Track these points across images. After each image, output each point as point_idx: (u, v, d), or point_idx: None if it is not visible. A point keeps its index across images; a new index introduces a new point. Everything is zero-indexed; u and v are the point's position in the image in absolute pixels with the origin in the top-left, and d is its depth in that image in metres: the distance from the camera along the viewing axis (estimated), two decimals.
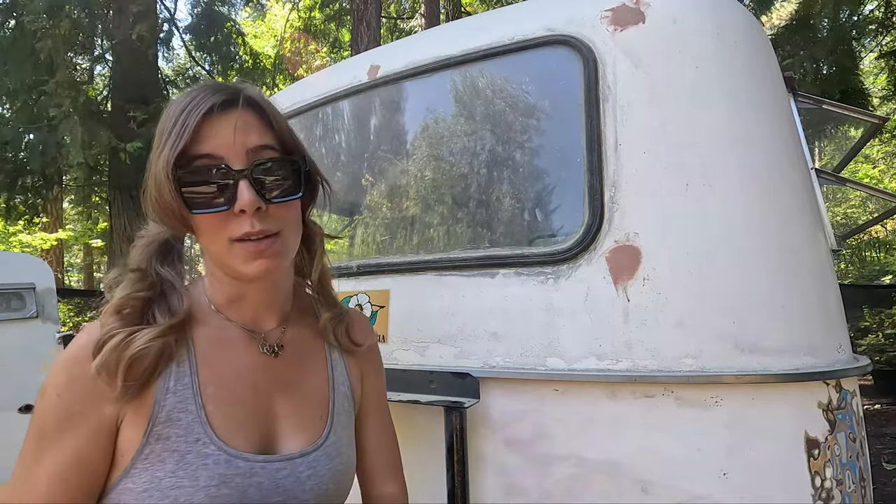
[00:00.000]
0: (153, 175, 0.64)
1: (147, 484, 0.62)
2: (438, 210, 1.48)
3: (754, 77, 1.22)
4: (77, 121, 6.04)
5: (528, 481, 1.14)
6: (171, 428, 0.64)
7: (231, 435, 0.67)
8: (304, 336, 0.80)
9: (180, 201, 0.63)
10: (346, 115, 1.71)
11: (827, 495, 1.02)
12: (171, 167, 0.62)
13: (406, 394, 1.22)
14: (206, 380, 0.68)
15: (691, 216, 1.10)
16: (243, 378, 0.72)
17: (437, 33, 1.60)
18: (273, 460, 0.69)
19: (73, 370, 0.64)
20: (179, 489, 0.62)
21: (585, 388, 1.10)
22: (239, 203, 0.63)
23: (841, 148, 10.52)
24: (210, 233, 0.66)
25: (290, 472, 0.69)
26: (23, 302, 2.84)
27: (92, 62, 8.29)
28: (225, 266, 0.69)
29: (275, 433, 0.72)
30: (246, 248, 0.65)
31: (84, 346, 0.64)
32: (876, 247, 10.45)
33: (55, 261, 11.17)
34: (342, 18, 11.00)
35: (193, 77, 9.97)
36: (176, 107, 0.65)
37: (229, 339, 0.73)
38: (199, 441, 0.65)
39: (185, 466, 0.63)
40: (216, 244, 0.66)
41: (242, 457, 0.66)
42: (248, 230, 0.64)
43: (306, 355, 0.79)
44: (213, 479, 0.64)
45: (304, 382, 0.77)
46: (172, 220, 0.67)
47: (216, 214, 0.64)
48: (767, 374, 1.02)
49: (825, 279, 1.16)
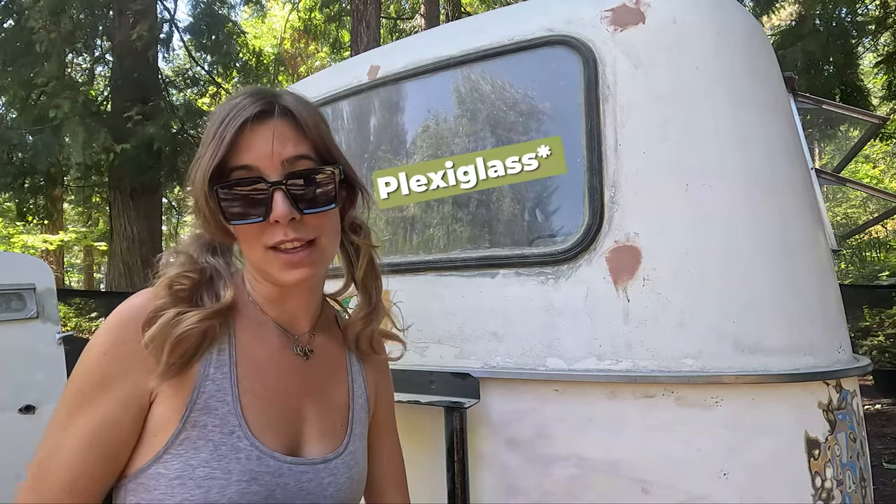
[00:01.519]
0: (194, 185, 0.66)
1: (180, 472, 0.62)
2: (439, 210, 1.48)
3: (754, 77, 1.22)
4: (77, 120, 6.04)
5: (528, 481, 1.14)
6: (208, 416, 0.64)
7: (262, 432, 0.67)
8: (330, 344, 0.81)
9: (218, 212, 0.66)
10: (346, 116, 1.71)
11: (827, 495, 1.02)
12: (209, 179, 0.64)
13: (406, 394, 1.22)
14: (244, 372, 0.69)
15: (691, 216, 1.10)
16: (277, 376, 0.72)
17: (437, 34, 1.61)
18: (299, 463, 0.69)
19: (120, 333, 0.64)
20: (213, 480, 0.62)
21: (585, 388, 1.10)
22: (273, 214, 0.64)
23: (841, 148, 10.52)
24: (248, 241, 0.68)
25: (314, 477, 0.70)
26: (23, 302, 2.84)
27: (92, 62, 8.30)
28: (263, 272, 0.70)
29: (300, 436, 0.72)
30: (280, 258, 0.67)
31: (134, 311, 0.65)
32: (876, 247, 10.45)
33: (56, 261, 11.17)
34: (342, 19, 11.01)
35: (193, 77, 9.98)
36: (217, 117, 0.66)
37: (267, 334, 0.73)
38: (233, 434, 0.65)
39: (218, 458, 0.63)
40: (254, 252, 0.68)
41: (273, 455, 0.67)
42: (281, 238, 0.66)
43: (332, 363, 0.80)
44: (245, 475, 0.64)
45: (329, 389, 0.78)
46: (212, 228, 0.69)
47: (253, 224, 0.66)
48: (767, 375, 1.02)
49: (825, 279, 1.16)
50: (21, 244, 10.28)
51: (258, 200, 0.65)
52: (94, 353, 0.63)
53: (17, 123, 6.91)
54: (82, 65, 8.41)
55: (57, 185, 7.83)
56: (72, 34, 6.58)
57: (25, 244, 10.31)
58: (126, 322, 0.64)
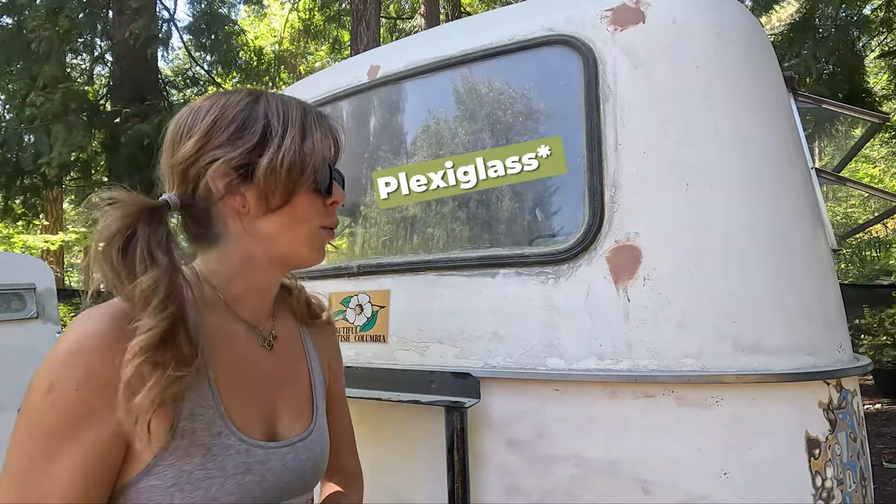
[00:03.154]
0: (290, 154, 0.71)
1: (175, 479, 0.63)
2: (439, 209, 1.48)
3: (754, 77, 1.22)
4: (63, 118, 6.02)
5: (528, 481, 1.14)
6: (195, 423, 0.66)
7: (245, 425, 0.71)
8: (287, 327, 0.87)
9: (315, 184, 0.74)
10: (346, 116, 1.71)
11: (828, 495, 1.02)
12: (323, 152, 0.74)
13: (406, 394, 1.22)
14: (220, 374, 0.71)
15: (691, 216, 1.10)
16: (248, 371, 0.76)
17: (437, 33, 1.60)
18: (281, 446, 0.74)
19: (92, 364, 0.60)
20: (210, 480, 0.65)
21: (586, 388, 1.10)
22: (335, 196, 0.78)
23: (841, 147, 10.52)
24: (309, 216, 0.75)
25: (295, 456, 0.76)
26: (23, 302, 2.84)
27: (92, 62, 8.29)
28: (292, 250, 0.76)
29: (276, 421, 0.77)
30: (326, 236, 0.78)
31: (102, 336, 0.61)
32: (876, 246, 10.44)
33: (56, 261, 11.17)
34: (342, 18, 11.00)
35: (193, 77, 9.97)
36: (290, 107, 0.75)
37: (233, 332, 0.76)
38: (221, 434, 0.68)
39: (212, 459, 0.66)
40: (305, 228, 0.75)
41: (258, 445, 0.71)
42: (335, 220, 0.79)
43: (291, 345, 0.86)
44: (239, 468, 0.68)
45: (293, 372, 0.84)
46: (280, 197, 0.72)
47: (318, 201, 0.76)
48: (768, 374, 1.02)
49: (825, 279, 1.16)
50: (21, 244, 10.28)
51: (330, 182, 0.77)
52: (61, 389, 0.59)
53: (15, 123, 6.89)
54: (82, 65, 8.41)
55: (53, 184, 7.80)
56: (69, 33, 6.57)
57: (26, 244, 10.30)
58: (93, 352, 0.60)
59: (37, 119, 6.10)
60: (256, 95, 0.75)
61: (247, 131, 0.71)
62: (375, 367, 1.34)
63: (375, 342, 1.37)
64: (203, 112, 0.72)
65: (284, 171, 0.70)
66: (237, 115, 0.71)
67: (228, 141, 0.70)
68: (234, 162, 0.70)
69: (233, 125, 0.71)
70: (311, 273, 1.56)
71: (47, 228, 11.12)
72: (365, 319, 1.40)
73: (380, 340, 1.36)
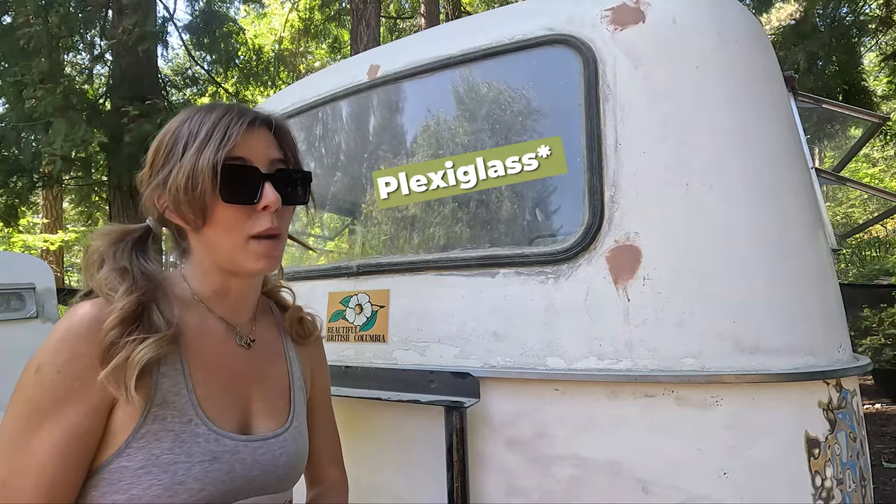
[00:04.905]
0: (186, 168, 0.72)
1: (144, 461, 0.67)
2: (439, 209, 1.48)
3: (754, 77, 1.22)
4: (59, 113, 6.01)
5: (528, 481, 1.14)
6: (167, 409, 0.70)
7: (217, 417, 0.75)
8: (268, 332, 0.91)
9: (217, 194, 0.72)
10: (345, 115, 1.71)
11: (827, 495, 1.02)
12: (220, 163, 0.71)
13: (406, 394, 1.22)
14: (194, 366, 0.75)
15: (691, 216, 1.10)
16: (224, 366, 0.80)
17: (437, 33, 1.60)
18: (253, 440, 0.78)
19: (76, 348, 0.67)
20: (177, 464, 0.69)
21: (586, 387, 1.10)
22: (265, 199, 0.75)
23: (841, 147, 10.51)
24: (231, 228, 0.75)
25: (267, 451, 0.79)
26: (23, 302, 2.84)
27: (91, 61, 8.28)
28: (232, 261, 0.77)
29: (249, 416, 0.81)
30: (259, 246, 0.76)
31: (86, 323, 0.68)
32: (876, 246, 10.43)
33: (56, 261, 11.17)
34: (342, 18, 11.00)
35: (193, 76, 9.97)
36: (207, 116, 0.75)
37: (211, 329, 0.81)
38: (191, 422, 0.72)
39: (180, 444, 0.70)
40: (232, 239, 0.75)
41: (228, 436, 0.75)
42: (267, 226, 0.75)
43: (271, 349, 0.90)
44: (207, 455, 0.71)
45: (270, 372, 0.87)
46: (193, 212, 0.74)
47: (241, 210, 0.74)
48: (768, 374, 1.02)
49: (825, 278, 1.16)
50: (21, 244, 10.27)
51: (252, 188, 0.74)
52: (47, 371, 0.66)
53: (12, 119, 6.87)
54: (81, 63, 8.40)
55: (53, 183, 7.79)
56: (59, 28, 6.54)
57: (25, 244, 10.30)
58: (77, 335, 0.67)
59: (36, 113, 6.08)
60: (191, 114, 0.77)
61: (168, 154, 0.75)
62: (375, 366, 1.34)
63: (375, 342, 1.37)
64: (154, 140, 0.78)
65: (182, 190, 0.72)
66: (165, 140, 0.77)
67: (159, 166, 0.76)
68: (158, 185, 0.75)
69: (163, 150, 0.77)
70: (311, 273, 1.56)
71: (47, 228, 11.11)
72: (365, 319, 1.40)
73: (379, 340, 1.36)
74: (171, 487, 0.67)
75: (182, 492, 0.68)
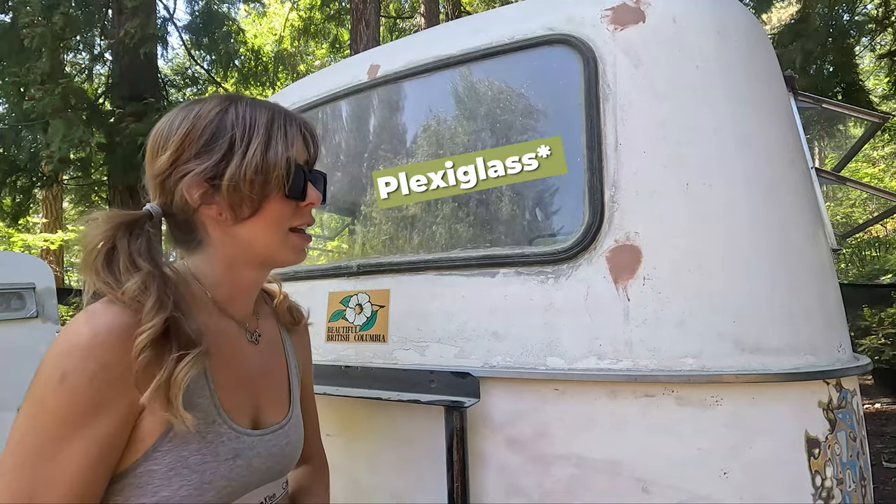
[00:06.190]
0: (254, 163, 0.74)
1: (173, 464, 0.68)
2: (439, 209, 1.48)
3: (754, 76, 1.22)
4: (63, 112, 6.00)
5: (528, 481, 1.14)
6: (192, 412, 0.70)
7: (235, 414, 0.77)
8: (268, 324, 0.93)
9: (282, 188, 0.76)
10: (345, 115, 1.71)
11: (827, 494, 1.02)
12: (290, 160, 0.76)
13: (406, 394, 1.22)
14: (214, 367, 0.76)
15: (691, 216, 1.10)
16: (238, 364, 0.82)
17: (437, 33, 1.60)
18: (265, 433, 0.81)
19: (106, 357, 0.64)
20: (206, 464, 0.71)
21: (586, 387, 1.10)
22: (310, 197, 0.81)
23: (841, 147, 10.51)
24: (277, 220, 0.78)
25: (277, 442, 0.83)
26: (23, 302, 2.84)
27: (91, 61, 8.28)
28: (269, 254, 0.80)
29: (259, 410, 0.83)
30: (298, 238, 0.82)
31: (115, 333, 0.64)
32: (876, 246, 10.44)
33: (56, 261, 11.16)
34: (342, 18, 11.00)
35: (192, 76, 9.96)
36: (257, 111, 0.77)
37: (225, 328, 0.82)
38: (215, 422, 0.74)
39: (206, 445, 0.72)
40: (276, 232, 0.79)
41: (246, 433, 0.78)
42: (309, 220, 0.82)
43: (272, 342, 0.92)
44: (230, 453, 0.74)
45: (274, 365, 0.91)
46: (250, 206, 0.76)
47: (289, 205, 0.79)
48: (768, 374, 1.02)
49: (825, 278, 1.16)
50: (21, 243, 10.27)
51: (302, 185, 0.79)
52: (74, 380, 0.62)
53: (12, 119, 6.87)
54: (81, 63, 8.39)
55: (53, 182, 7.79)
56: (63, 30, 6.54)
57: (26, 243, 10.29)
58: (106, 346, 0.64)
59: (34, 113, 6.08)
60: (227, 104, 0.77)
61: (215, 143, 0.74)
62: (375, 366, 1.34)
63: (375, 342, 1.37)
64: (176, 124, 0.76)
65: (248, 183, 0.74)
66: (207, 127, 0.75)
67: (198, 154, 0.74)
68: (204, 174, 0.74)
69: (203, 137, 0.75)
70: (311, 273, 1.56)
71: (47, 227, 11.10)
72: (365, 319, 1.40)
73: (379, 340, 1.36)
74: (200, 487, 0.69)
75: (210, 490, 0.70)
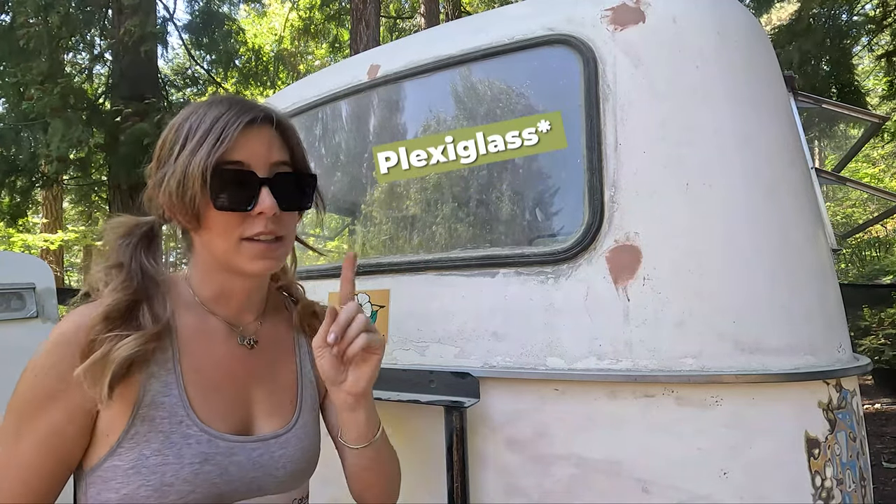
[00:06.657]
0: (178, 171, 0.70)
1: (134, 461, 0.68)
2: (439, 209, 1.48)
3: (754, 76, 1.22)
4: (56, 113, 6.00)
5: (528, 481, 1.14)
6: (156, 410, 0.70)
7: (211, 418, 0.74)
8: (277, 330, 0.89)
9: (208, 199, 0.70)
10: (345, 115, 1.71)
11: (827, 495, 1.02)
12: (210, 168, 0.69)
13: (406, 394, 1.22)
14: (188, 367, 0.74)
15: (691, 216, 1.10)
16: (222, 367, 0.79)
17: (437, 33, 1.60)
18: (250, 441, 0.77)
19: (60, 351, 0.67)
20: (166, 465, 0.68)
21: (585, 387, 1.10)
22: (260, 206, 0.72)
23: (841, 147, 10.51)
24: (224, 230, 0.73)
25: (265, 452, 0.78)
26: (23, 302, 2.83)
27: (91, 61, 8.27)
28: (228, 263, 0.75)
29: (251, 417, 0.79)
30: (254, 247, 0.73)
31: (73, 329, 0.68)
32: (876, 246, 10.43)
33: (56, 261, 11.16)
34: (342, 18, 10.99)
35: (192, 76, 9.96)
36: (207, 113, 0.72)
37: (211, 330, 0.80)
38: (182, 423, 0.71)
39: (169, 446, 0.69)
40: (226, 242, 0.73)
41: (222, 437, 0.74)
42: (260, 230, 0.72)
43: (278, 348, 0.88)
44: (197, 457, 0.70)
45: (276, 372, 0.86)
46: (186, 215, 0.72)
47: (234, 214, 0.72)
48: (768, 374, 1.02)
49: (825, 278, 1.16)
50: (21, 243, 10.27)
51: (247, 193, 0.72)
52: (37, 370, 0.68)
53: (11, 119, 6.87)
54: (81, 63, 8.39)
55: (53, 182, 7.78)
56: (60, 29, 6.53)
57: (25, 243, 10.29)
58: (66, 341, 0.68)
59: (33, 113, 6.08)
60: (191, 111, 0.75)
61: (164, 154, 0.74)
62: None
63: None
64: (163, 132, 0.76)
65: (173, 196, 0.71)
66: (166, 137, 0.75)
67: (158, 164, 0.75)
68: (157, 187, 0.74)
69: (162, 149, 0.75)
70: (311, 272, 1.56)
71: (47, 227, 11.10)
72: None
73: None
74: (159, 489, 0.67)
75: (171, 493, 0.68)
